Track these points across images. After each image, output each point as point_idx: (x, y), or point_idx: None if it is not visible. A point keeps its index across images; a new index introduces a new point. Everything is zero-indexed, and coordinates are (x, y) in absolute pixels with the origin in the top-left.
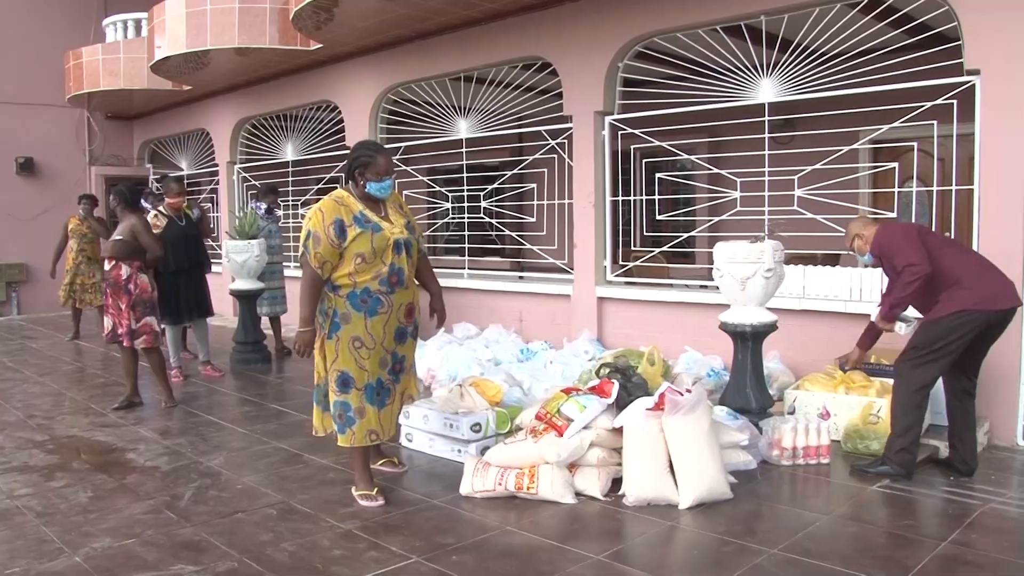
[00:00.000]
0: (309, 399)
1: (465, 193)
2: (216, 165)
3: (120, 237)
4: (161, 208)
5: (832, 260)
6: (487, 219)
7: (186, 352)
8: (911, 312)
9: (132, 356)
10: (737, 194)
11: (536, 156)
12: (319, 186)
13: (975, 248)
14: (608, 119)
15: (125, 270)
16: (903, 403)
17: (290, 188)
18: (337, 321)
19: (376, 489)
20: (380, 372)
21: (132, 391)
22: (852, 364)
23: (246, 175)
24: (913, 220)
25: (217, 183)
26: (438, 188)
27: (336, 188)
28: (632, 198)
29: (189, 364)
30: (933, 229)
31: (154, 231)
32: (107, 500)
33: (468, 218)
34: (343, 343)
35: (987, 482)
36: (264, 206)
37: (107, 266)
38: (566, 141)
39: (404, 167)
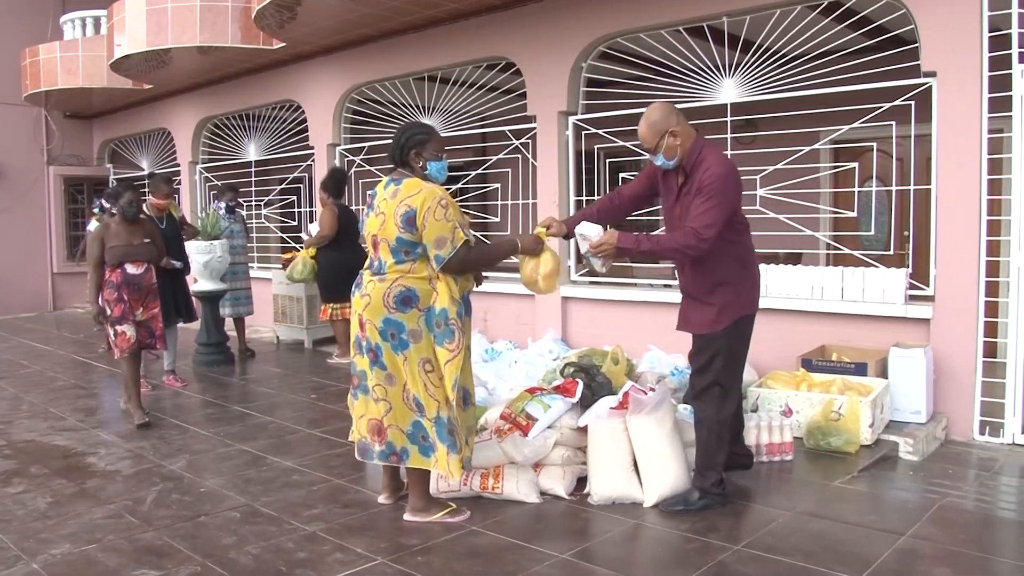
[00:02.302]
0: (272, 401)
1: None
2: (178, 165)
3: (148, 240)
4: (144, 208)
5: (794, 259)
6: None
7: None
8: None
9: (138, 364)
10: None
11: (500, 156)
12: (282, 186)
13: (933, 244)
14: (572, 119)
15: (153, 272)
16: (717, 433)
17: (253, 188)
18: (458, 329)
19: (454, 504)
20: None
21: (140, 402)
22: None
23: (208, 175)
24: (873, 219)
25: (179, 183)
26: None
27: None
28: (596, 198)
29: (151, 364)
30: (892, 227)
31: None
32: (67, 505)
33: None
34: (463, 354)
35: (945, 476)
36: (224, 205)
37: (135, 269)
38: (530, 141)
39: (368, 167)
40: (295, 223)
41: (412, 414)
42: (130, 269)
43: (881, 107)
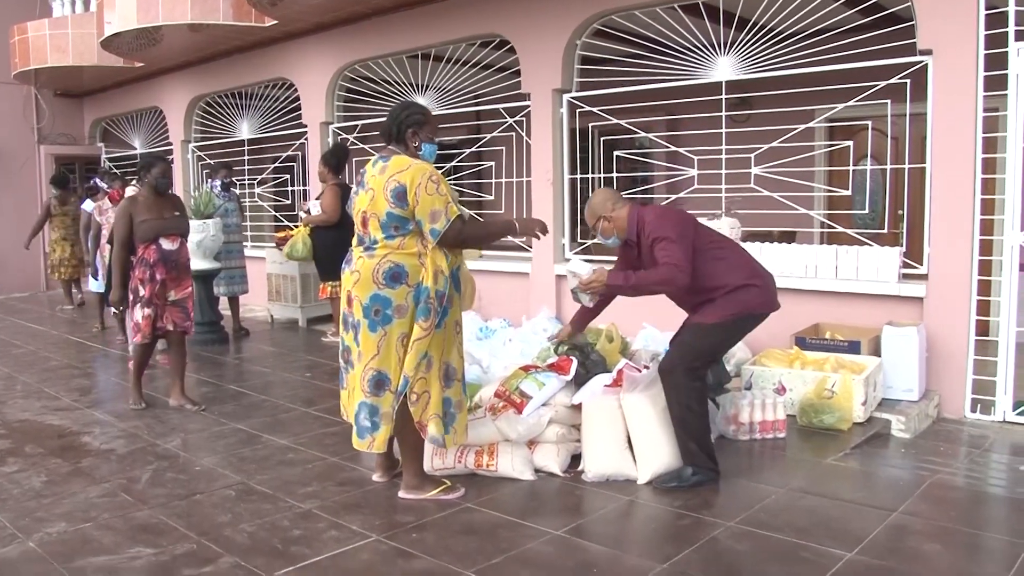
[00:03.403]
0: (266, 380)
1: None
2: (170, 144)
3: (178, 213)
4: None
5: (788, 237)
6: None
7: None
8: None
9: (152, 350)
10: (694, 172)
11: (494, 134)
12: (275, 165)
13: (927, 223)
14: (566, 97)
15: (187, 248)
16: (698, 412)
17: (246, 167)
18: (446, 306)
19: (448, 481)
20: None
21: (141, 390)
22: (560, 339)
23: (201, 154)
24: (867, 197)
25: (171, 162)
26: None
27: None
28: (590, 176)
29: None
30: (886, 206)
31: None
32: (61, 484)
33: None
34: (449, 330)
35: (936, 454)
36: (218, 183)
37: (171, 245)
38: (524, 119)
39: (361, 145)
40: (289, 202)
41: (361, 395)
42: (165, 245)
43: (876, 85)
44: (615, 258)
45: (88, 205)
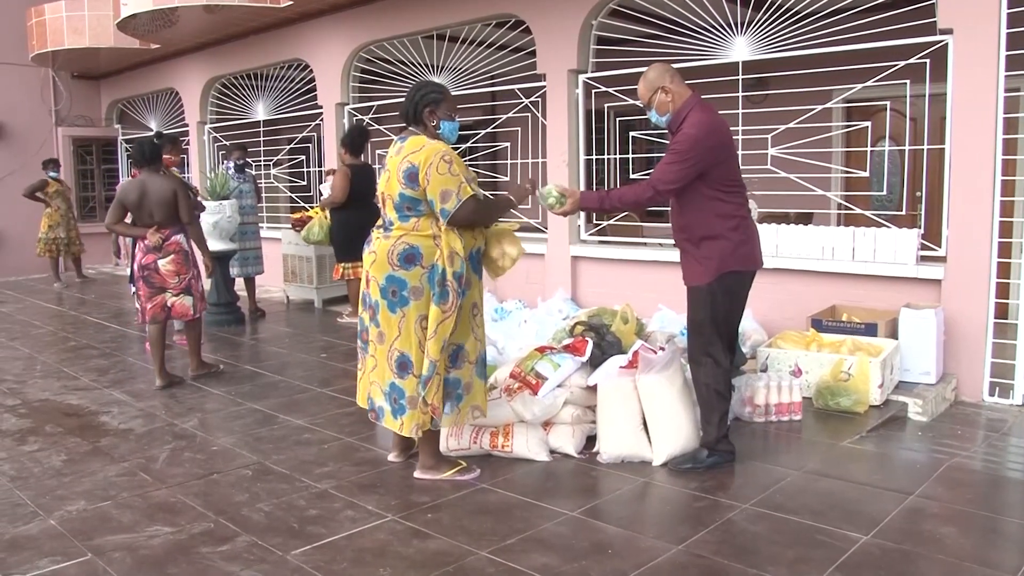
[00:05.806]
0: (282, 360)
1: None
2: (186, 125)
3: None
4: None
5: (805, 219)
6: None
7: None
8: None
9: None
10: None
11: (510, 115)
12: (291, 146)
13: (946, 205)
14: (582, 77)
15: None
16: (716, 390)
17: (261, 148)
18: (462, 288)
19: (464, 462)
20: (485, 342)
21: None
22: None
23: (217, 135)
24: (885, 178)
25: (187, 143)
26: None
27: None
28: (606, 157)
29: None
30: (904, 187)
31: None
32: (81, 463)
33: None
34: (465, 312)
35: (954, 437)
36: (233, 164)
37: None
38: (540, 100)
39: (377, 127)
40: (304, 183)
41: (391, 375)
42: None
43: (895, 65)
44: (629, 240)
45: None
